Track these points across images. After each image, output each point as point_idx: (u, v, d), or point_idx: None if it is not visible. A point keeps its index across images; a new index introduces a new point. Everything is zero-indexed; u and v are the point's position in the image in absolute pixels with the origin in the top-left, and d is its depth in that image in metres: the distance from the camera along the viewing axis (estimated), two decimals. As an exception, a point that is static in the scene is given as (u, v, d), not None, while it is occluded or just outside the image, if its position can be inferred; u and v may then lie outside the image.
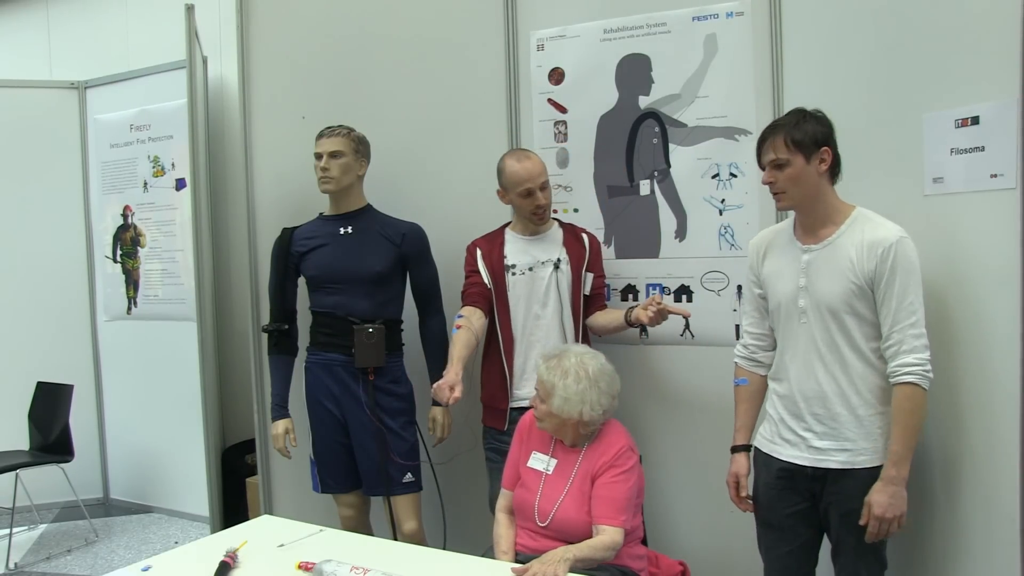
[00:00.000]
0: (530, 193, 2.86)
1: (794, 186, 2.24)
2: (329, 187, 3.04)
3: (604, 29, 3.11)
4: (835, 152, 2.28)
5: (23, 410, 4.59)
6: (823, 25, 2.77)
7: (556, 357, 2.46)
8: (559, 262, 2.94)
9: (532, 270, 2.95)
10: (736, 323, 2.96)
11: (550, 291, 2.93)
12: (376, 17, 3.46)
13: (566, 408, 2.38)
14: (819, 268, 2.26)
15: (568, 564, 2.10)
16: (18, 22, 5.75)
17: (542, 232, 2.99)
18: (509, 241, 3.00)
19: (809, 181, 2.24)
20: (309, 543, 2.26)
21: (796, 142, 2.22)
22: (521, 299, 2.94)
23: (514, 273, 2.95)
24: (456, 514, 3.25)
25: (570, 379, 2.39)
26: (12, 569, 4.15)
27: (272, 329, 3.17)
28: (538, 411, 2.46)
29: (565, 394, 2.37)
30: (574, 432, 2.43)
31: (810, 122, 2.26)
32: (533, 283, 2.94)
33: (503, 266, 2.95)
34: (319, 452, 3.13)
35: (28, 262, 4.98)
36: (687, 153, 3.01)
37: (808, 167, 2.23)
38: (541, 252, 2.96)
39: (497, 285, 2.94)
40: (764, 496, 2.45)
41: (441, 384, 2.55)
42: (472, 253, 3.01)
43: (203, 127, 4.30)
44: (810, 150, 2.23)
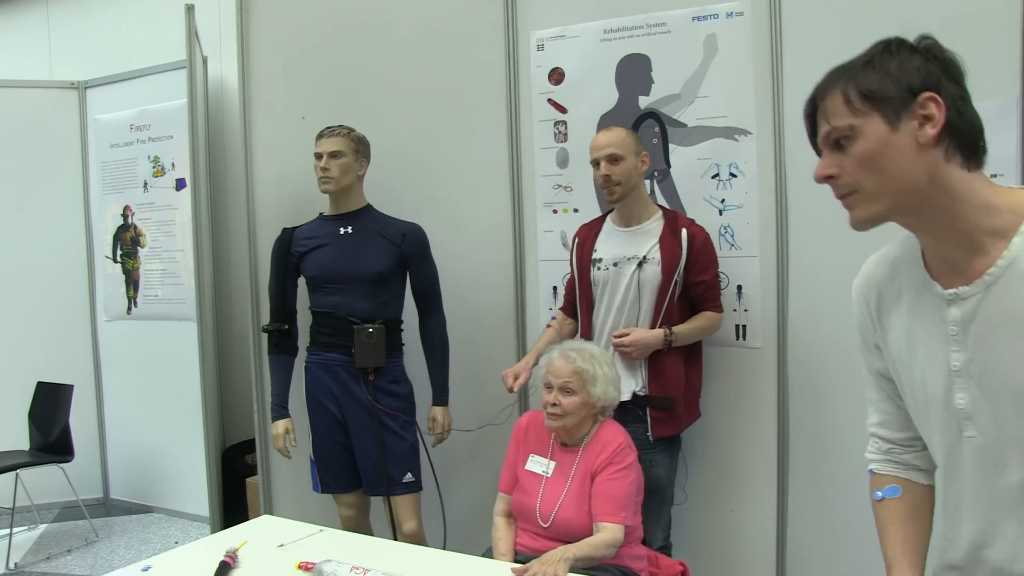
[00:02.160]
0: (597, 164, 2.72)
1: (875, 175, 1.23)
2: (329, 187, 3.04)
3: (604, 29, 3.11)
4: (957, 107, 1.20)
5: (23, 410, 4.59)
6: (823, 25, 2.77)
7: (578, 350, 2.48)
8: (645, 260, 2.72)
9: (617, 266, 2.77)
10: (736, 323, 2.96)
11: (630, 291, 2.75)
12: (376, 17, 3.46)
13: (608, 393, 2.43)
14: (988, 332, 1.22)
15: (568, 564, 2.10)
16: (18, 22, 5.75)
17: (638, 224, 2.78)
18: (604, 231, 2.86)
19: (906, 163, 1.20)
20: (309, 543, 2.25)
21: (869, 94, 1.22)
22: (604, 298, 2.80)
23: (599, 268, 2.81)
24: (456, 514, 3.25)
25: (605, 366, 2.45)
26: (12, 569, 4.15)
27: (272, 329, 3.17)
28: (564, 406, 2.41)
29: (605, 380, 2.43)
30: (588, 425, 2.46)
31: (899, 56, 1.26)
32: (617, 281, 2.77)
33: (590, 259, 2.84)
34: (319, 452, 3.13)
35: (28, 262, 4.98)
36: (687, 153, 3.01)
37: (897, 136, 1.20)
38: (631, 246, 2.76)
39: (582, 279, 2.85)
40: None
41: (507, 371, 2.81)
42: (572, 243, 2.95)
43: (203, 127, 4.30)
44: (897, 105, 1.20)
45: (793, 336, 2.90)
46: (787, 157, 2.87)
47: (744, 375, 2.99)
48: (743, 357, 2.99)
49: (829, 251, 2.80)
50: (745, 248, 2.94)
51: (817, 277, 2.84)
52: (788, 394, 2.92)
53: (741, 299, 2.95)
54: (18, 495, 4.37)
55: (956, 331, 1.25)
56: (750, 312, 2.95)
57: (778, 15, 2.85)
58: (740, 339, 2.98)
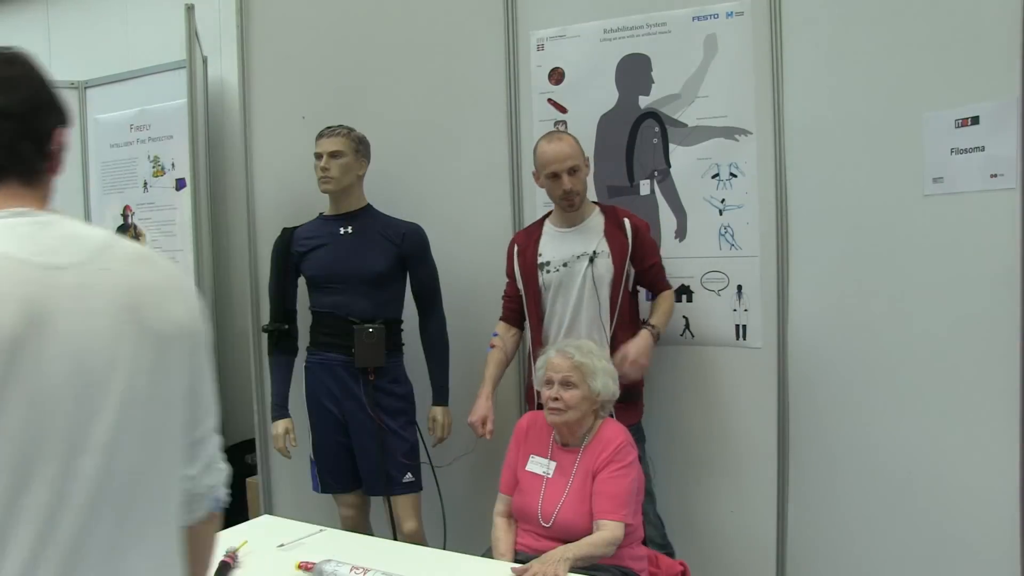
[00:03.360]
0: (556, 176, 2.71)
1: None
2: (329, 187, 3.04)
3: (604, 29, 3.11)
4: None
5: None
6: (823, 25, 2.77)
7: (575, 346, 2.49)
8: (595, 255, 2.75)
9: (567, 266, 2.77)
10: (737, 323, 2.96)
11: (585, 288, 2.76)
12: (376, 17, 3.46)
13: (608, 386, 2.43)
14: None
15: (568, 564, 2.10)
16: (18, 22, 5.74)
17: (580, 223, 2.81)
18: (546, 234, 2.86)
19: None
20: (309, 543, 2.26)
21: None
22: (558, 299, 2.80)
23: (548, 271, 2.80)
24: (456, 514, 3.25)
25: (603, 360, 2.46)
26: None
27: (272, 329, 3.17)
28: (567, 400, 2.40)
29: (604, 373, 2.43)
30: (589, 421, 2.45)
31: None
32: (570, 280, 2.77)
33: (536, 264, 2.84)
34: (319, 452, 3.13)
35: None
36: (687, 153, 3.01)
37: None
38: (577, 244, 2.78)
39: (529, 286, 2.83)
40: None
41: (473, 420, 2.76)
42: (510, 252, 2.93)
43: (203, 127, 4.29)
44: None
45: (793, 336, 2.90)
46: (787, 157, 2.87)
47: (744, 375, 2.99)
48: (743, 357, 2.98)
49: (829, 251, 2.80)
50: (745, 248, 2.94)
51: (817, 277, 2.84)
52: (788, 394, 2.92)
53: (741, 299, 2.95)
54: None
55: None
56: (750, 312, 2.95)
57: (778, 15, 2.85)
58: (740, 339, 2.98)
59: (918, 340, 2.56)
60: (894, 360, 2.63)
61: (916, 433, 2.57)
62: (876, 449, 2.70)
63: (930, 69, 2.48)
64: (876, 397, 2.69)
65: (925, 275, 2.51)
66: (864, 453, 2.73)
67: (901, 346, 2.61)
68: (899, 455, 2.62)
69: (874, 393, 2.70)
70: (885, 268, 2.64)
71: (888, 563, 2.67)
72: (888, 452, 2.65)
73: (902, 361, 2.61)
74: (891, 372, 2.64)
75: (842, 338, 2.79)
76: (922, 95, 2.49)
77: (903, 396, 2.61)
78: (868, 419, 2.72)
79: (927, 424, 2.54)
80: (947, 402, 2.47)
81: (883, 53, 2.61)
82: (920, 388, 2.56)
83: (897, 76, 2.57)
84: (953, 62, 2.41)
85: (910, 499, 2.59)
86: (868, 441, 2.72)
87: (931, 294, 2.49)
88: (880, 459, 2.67)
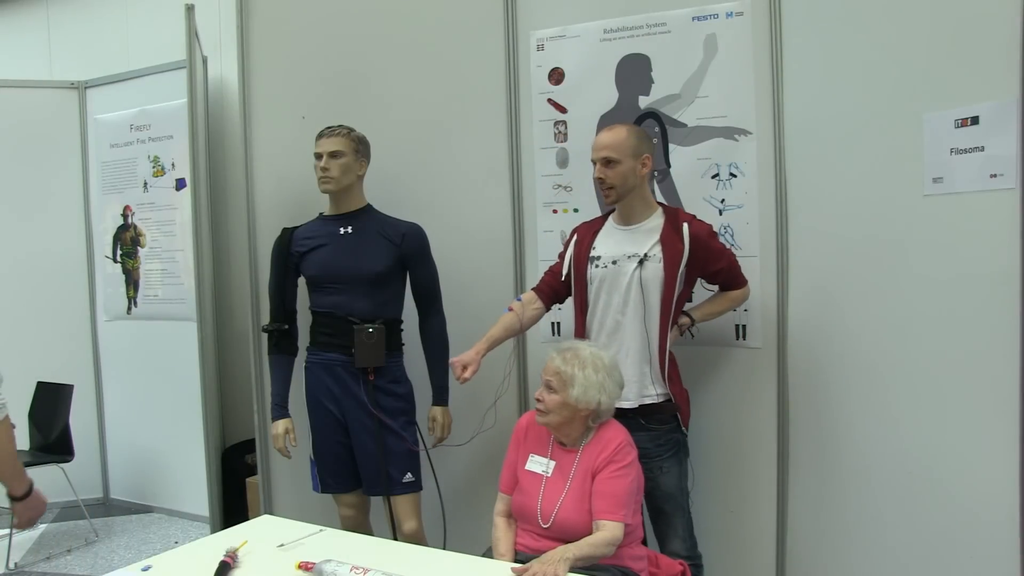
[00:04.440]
0: (595, 163, 2.68)
1: None
2: (329, 187, 3.04)
3: (604, 29, 3.11)
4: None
5: (23, 410, 4.59)
6: (823, 25, 2.78)
7: (570, 349, 2.46)
8: (646, 258, 2.66)
9: (616, 264, 2.70)
10: (736, 323, 2.96)
11: (631, 291, 2.68)
12: (376, 17, 3.46)
13: (584, 397, 2.36)
14: None
15: (568, 564, 2.10)
16: (18, 22, 5.75)
17: (638, 222, 2.72)
18: (604, 229, 2.80)
19: None
20: (309, 543, 2.26)
21: None
22: (601, 296, 2.73)
23: (597, 265, 2.74)
24: (456, 514, 3.25)
25: (589, 369, 2.39)
26: (12, 569, 4.15)
27: (272, 329, 3.17)
28: (547, 403, 2.42)
29: (585, 383, 2.37)
30: (580, 427, 2.43)
31: None
32: (616, 280, 2.70)
33: (588, 256, 2.78)
34: (319, 452, 3.13)
35: (28, 262, 4.98)
36: (687, 153, 3.02)
37: None
38: (631, 244, 2.70)
39: (578, 277, 2.79)
40: None
41: (455, 360, 2.75)
42: (569, 238, 2.90)
43: (203, 127, 4.30)
44: None
45: (793, 336, 2.90)
46: (787, 157, 2.87)
47: (744, 375, 2.99)
48: (743, 357, 2.99)
49: (829, 250, 2.80)
50: (745, 248, 2.94)
51: (817, 277, 2.84)
52: (788, 394, 2.92)
53: (741, 299, 2.95)
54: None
55: None
56: (750, 312, 2.95)
57: (778, 15, 2.85)
58: (740, 339, 2.98)
59: (917, 340, 2.56)
60: (894, 360, 2.63)
61: (916, 433, 2.57)
62: (876, 449, 2.69)
63: (930, 69, 2.47)
64: (876, 397, 2.69)
65: (925, 275, 2.51)
66: (864, 453, 2.73)
67: (900, 346, 2.61)
68: (899, 455, 2.62)
69: (874, 393, 2.69)
70: (885, 268, 2.64)
71: (888, 563, 2.67)
72: (888, 452, 2.65)
73: (902, 361, 2.61)
74: (891, 372, 2.64)
75: (842, 338, 2.79)
76: (922, 95, 2.49)
77: (903, 396, 2.61)
78: (868, 419, 2.72)
79: (927, 424, 2.53)
80: (947, 402, 2.47)
81: (883, 53, 2.61)
82: (920, 388, 2.56)
83: (897, 76, 2.57)
84: (953, 62, 2.41)
85: (910, 499, 2.59)
86: (868, 441, 2.72)
87: (931, 294, 2.49)
88: (880, 459, 2.67)
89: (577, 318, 2.83)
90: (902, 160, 2.55)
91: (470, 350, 2.78)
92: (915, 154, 2.49)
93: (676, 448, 2.72)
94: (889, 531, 2.66)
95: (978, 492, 2.36)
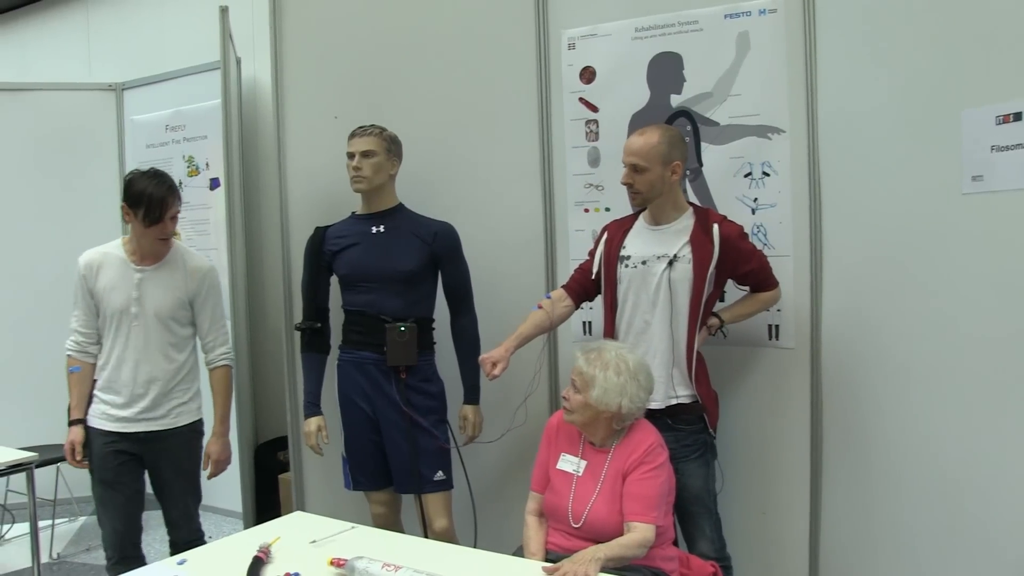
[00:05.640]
0: (624, 167, 2.69)
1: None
2: (361, 186, 3.05)
3: (635, 27, 3.10)
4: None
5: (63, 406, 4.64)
6: (857, 20, 2.74)
7: (595, 350, 2.45)
8: (676, 259, 2.65)
9: (645, 264, 2.69)
10: (769, 323, 2.94)
11: (660, 292, 2.67)
12: (408, 17, 3.48)
13: (604, 399, 2.35)
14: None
15: (599, 564, 2.10)
16: (59, 25, 5.84)
17: (668, 222, 2.71)
18: (635, 228, 2.80)
19: None
20: (341, 540, 2.27)
21: None
22: (630, 296, 2.73)
23: (626, 265, 2.74)
24: (487, 512, 3.26)
25: (610, 371, 2.37)
26: (55, 559, 4.25)
27: (305, 327, 3.19)
28: (571, 402, 2.42)
29: (605, 385, 2.35)
30: (606, 428, 2.42)
31: None
32: (644, 280, 2.70)
33: (618, 255, 2.77)
34: (351, 450, 3.15)
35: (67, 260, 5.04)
36: (719, 152, 3.00)
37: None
38: (660, 245, 2.69)
39: (608, 275, 2.79)
40: None
41: (484, 357, 2.76)
42: (600, 234, 2.90)
43: (237, 127, 4.33)
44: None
45: (827, 336, 2.87)
46: (821, 155, 2.84)
47: (777, 376, 2.96)
48: (776, 357, 2.96)
49: (863, 250, 2.77)
50: (778, 247, 2.91)
51: (851, 276, 2.81)
52: (821, 395, 2.89)
53: (774, 299, 2.93)
54: (59, 488, 4.46)
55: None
56: (783, 312, 2.92)
57: (812, 11, 2.82)
58: (773, 339, 2.96)
59: (954, 341, 2.52)
60: (929, 361, 2.59)
61: (952, 436, 2.53)
62: (911, 452, 2.66)
63: (969, 64, 2.44)
64: (911, 399, 2.66)
65: (962, 275, 2.47)
66: (899, 456, 2.70)
67: (937, 347, 2.58)
68: (935, 458, 2.59)
69: (909, 395, 2.66)
70: (921, 268, 2.60)
71: (923, 568, 2.63)
72: (923, 455, 2.62)
73: (937, 362, 2.57)
74: (926, 373, 2.61)
75: (876, 339, 2.76)
76: (961, 91, 2.45)
77: (939, 398, 2.57)
78: (903, 421, 2.69)
79: (963, 427, 2.50)
80: (985, 405, 2.43)
81: (920, 48, 2.58)
82: (956, 390, 2.52)
83: (934, 72, 2.53)
84: (994, 56, 2.37)
85: (946, 503, 2.55)
86: (903, 443, 2.69)
87: (969, 294, 2.45)
88: (915, 462, 2.64)
89: (606, 317, 2.82)
90: (939, 158, 2.52)
91: (499, 347, 2.79)
92: (953, 152, 2.46)
93: (703, 449, 2.71)
94: (925, 536, 2.63)
95: (1018, 496, 2.33)
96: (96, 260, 2.98)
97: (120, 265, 2.95)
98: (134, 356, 2.93)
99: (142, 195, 2.83)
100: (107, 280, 2.94)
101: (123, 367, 2.93)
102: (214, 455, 3.06)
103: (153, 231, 2.87)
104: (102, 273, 2.96)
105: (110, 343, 2.97)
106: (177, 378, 2.99)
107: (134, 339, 2.92)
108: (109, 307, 2.93)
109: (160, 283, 2.94)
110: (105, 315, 2.96)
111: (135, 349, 2.92)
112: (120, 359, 2.94)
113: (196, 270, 3.01)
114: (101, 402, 2.97)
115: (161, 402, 2.96)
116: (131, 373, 2.93)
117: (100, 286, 2.95)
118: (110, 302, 2.93)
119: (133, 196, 2.84)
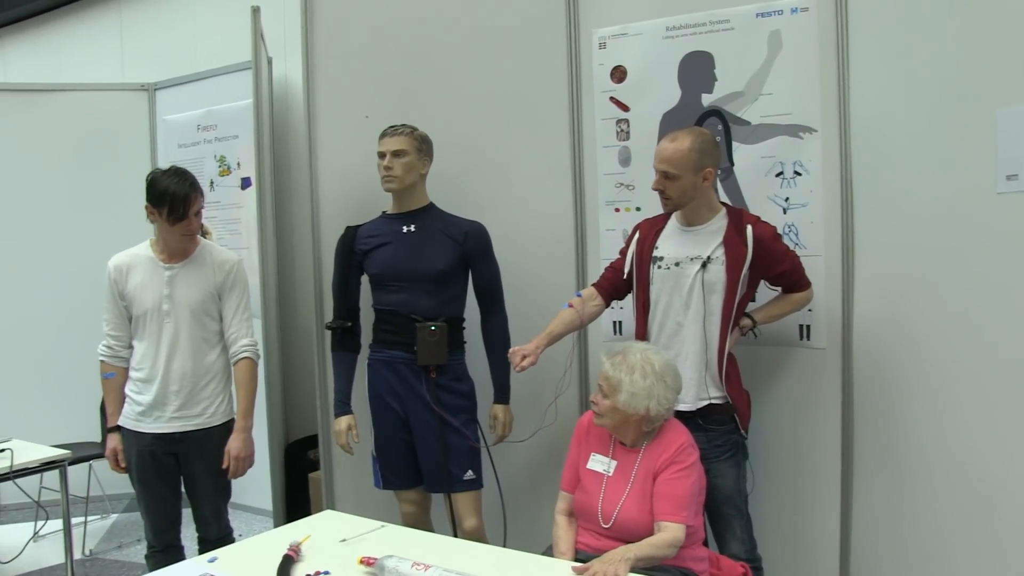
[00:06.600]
0: (656, 173, 2.67)
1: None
2: (392, 186, 3.06)
3: (666, 27, 3.09)
4: None
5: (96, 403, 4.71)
6: (891, 18, 2.72)
7: (620, 353, 2.44)
8: (709, 260, 2.63)
9: (679, 266, 2.68)
10: (800, 323, 2.92)
11: (693, 294, 2.66)
12: (439, 17, 3.48)
13: (633, 403, 2.35)
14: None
15: (629, 564, 2.09)
16: (93, 26, 5.92)
17: (701, 223, 2.69)
18: (667, 228, 2.78)
19: None
20: (371, 538, 2.28)
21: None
22: (662, 297, 2.72)
23: (659, 266, 2.73)
24: (517, 512, 3.26)
25: (636, 374, 2.36)
26: (88, 555, 4.31)
27: (336, 326, 3.21)
28: (600, 407, 2.43)
29: (632, 389, 2.35)
30: (636, 429, 2.42)
31: None
32: (677, 282, 2.68)
33: (650, 256, 2.76)
34: (381, 449, 3.16)
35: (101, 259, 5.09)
36: (751, 151, 2.98)
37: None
38: (694, 246, 2.67)
39: (640, 276, 2.78)
40: None
41: (514, 350, 2.75)
42: (631, 235, 2.89)
43: (268, 127, 4.36)
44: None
45: (859, 337, 2.85)
46: (853, 155, 2.82)
47: (808, 376, 2.94)
48: (807, 358, 2.94)
49: (895, 250, 2.74)
50: (810, 247, 2.89)
51: (883, 276, 2.79)
52: (853, 396, 2.87)
53: (805, 299, 2.90)
54: (91, 485, 4.53)
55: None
56: (814, 312, 2.90)
57: (844, 10, 2.80)
58: (804, 339, 2.94)
59: (989, 344, 2.49)
60: (963, 364, 2.56)
61: (986, 439, 2.50)
62: (943, 453, 2.63)
63: (1004, 62, 2.40)
64: (944, 400, 2.63)
65: (997, 275, 2.44)
66: (931, 457, 2.67)
67: (971, 350, 2.54)
68: (968, 461, 2.55)
69: (942, 398, 2.63)
70: (954, 268, 2.57)
71: (956, 572, 2.60)
72: (956, 457, 2.59)
73: (972, 366, 2.54)
74: (960, 377, 2.57)
75: (908, 339, 2.73)
76: (995, 89, 2.42)
77: (972, 402, 2.54)
78: (935, 422, 2.66)
79: (997, 430, 2.47)
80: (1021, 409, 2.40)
81: (954, 46, 2.55)
82: (990, 395, 2.49)
83: (969, 71, 2.50)
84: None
85: (979, 507, 2.52)
86: (935, 445, 2.66)
87: (1003, 295, 2.42)
88: (948, 464, 2.61)
89: (638, 318, 2.81)
90: (973, 157, 2.48)
91: (529, 343, 2.78)
92: (988, 151, 2.43)
93: (734, 450, 2.70)
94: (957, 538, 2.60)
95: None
96: (125, 263, 3.03)
97: (149, 265, 2.99)
98: (167, 352, 2.96)
99: (165, 193, 2.88)
100: (137, 280, 2.99)
101: (156, 364, 2.96)
102: (233, 451, 2.99)
103: (178, 228, 2.91)
104: (132, 274, 3.00)
105: (143, 343, 3.00)
106: (209, 375, 3.01)
107: (167, 336, 2.95)
108: (140, 306, 2.97)
109: (189, 278, 2.98)
110: (137, 315, 3.00)
111: (168, 345, 2.96)
112: (154, 357, 2.97)
113: (223, 263, 3.05)
114: (135, 403, 3.01)
115: (194, 400, 2.98)
116: (164, 369, 2.96)
117: (131, 287, 2.99)
118: (141, 301, 2.97)
119: (156, 195, 2.89)
